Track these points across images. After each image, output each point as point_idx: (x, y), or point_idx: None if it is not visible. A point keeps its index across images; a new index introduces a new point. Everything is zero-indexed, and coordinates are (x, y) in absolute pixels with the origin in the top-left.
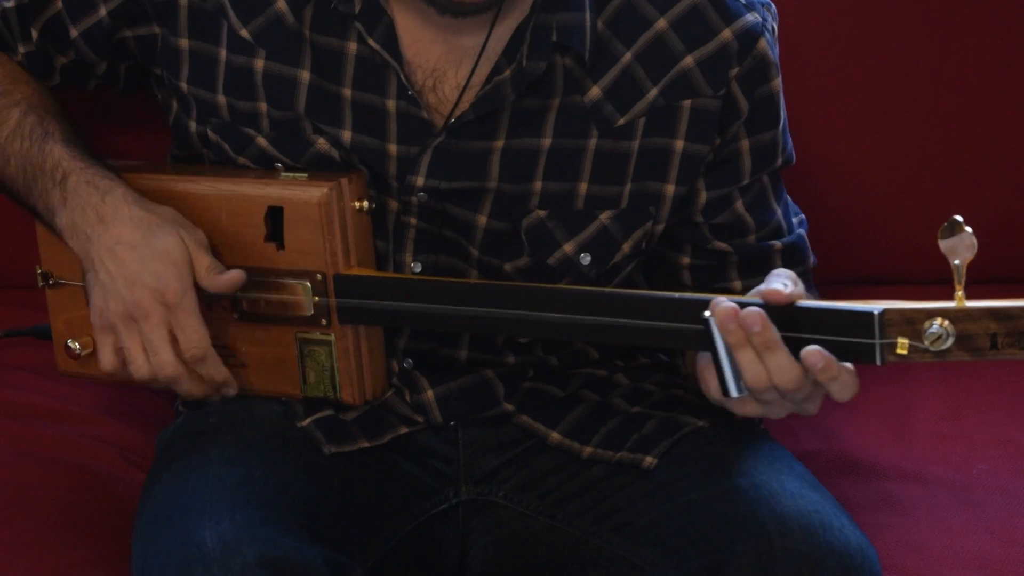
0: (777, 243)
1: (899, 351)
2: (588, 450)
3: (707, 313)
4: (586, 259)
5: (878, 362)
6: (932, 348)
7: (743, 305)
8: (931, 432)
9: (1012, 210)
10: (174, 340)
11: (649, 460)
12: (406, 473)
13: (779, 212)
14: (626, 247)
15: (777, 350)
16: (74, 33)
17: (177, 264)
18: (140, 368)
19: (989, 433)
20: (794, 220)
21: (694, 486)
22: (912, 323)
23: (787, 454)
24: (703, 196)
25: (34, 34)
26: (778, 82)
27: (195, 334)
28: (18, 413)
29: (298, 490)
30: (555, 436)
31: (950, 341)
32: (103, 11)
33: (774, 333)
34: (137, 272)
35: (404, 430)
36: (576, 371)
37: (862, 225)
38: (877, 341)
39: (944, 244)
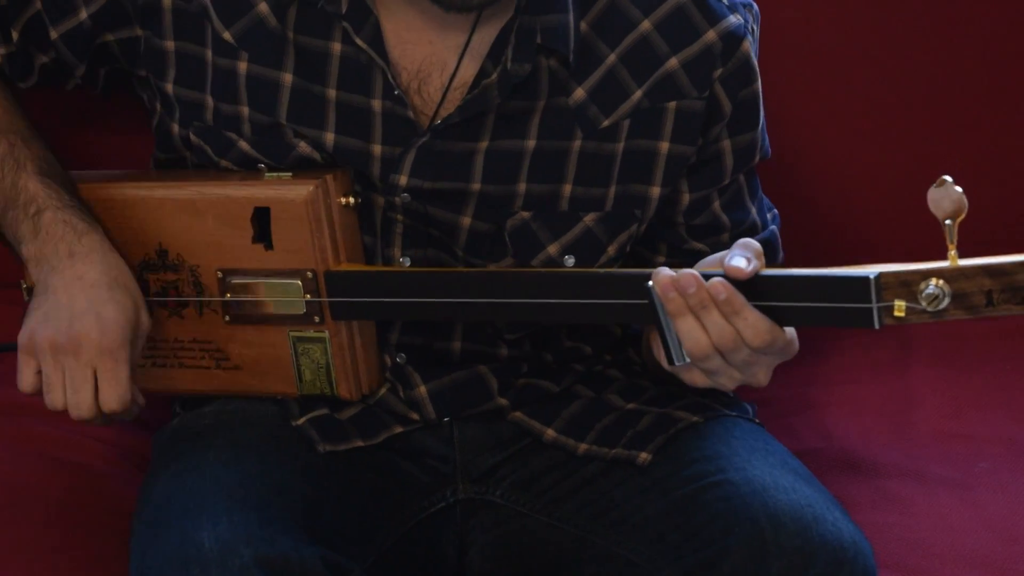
0: None
1: (896, 313)
2: (583, 447)
3: (649, 283)
4: (570, 261)
5: (876, 326)
6: (929, 309)
7: (707, 278)
8: (932, 430)
9: (1010, 206)
10: (94, 384)
11: (644, 456)
12: (403, 472)
13: (754, 210)
14: (611, 249)
15: (711, 309)
16: (54, 35)
17: (126, 321)
18: (55, 400)
19: (990, 431)
20: (768, 216)
21: (688, 481)
22: (908, 285)
23: (781, 449)
24: (686, 198)
25: (14, 35)
26: (759, 83)
27: (120, 387)
28: (16, 413)
29: (295, 490)
30: (550, 433)
31: (946, 301)
32: (84, 14)
33: (704, 293)
34: (85, 310)
35: (399, 429)
36: (570, 367)
37: (856, 222)
38: (874, 305)
39: (934, 204)
